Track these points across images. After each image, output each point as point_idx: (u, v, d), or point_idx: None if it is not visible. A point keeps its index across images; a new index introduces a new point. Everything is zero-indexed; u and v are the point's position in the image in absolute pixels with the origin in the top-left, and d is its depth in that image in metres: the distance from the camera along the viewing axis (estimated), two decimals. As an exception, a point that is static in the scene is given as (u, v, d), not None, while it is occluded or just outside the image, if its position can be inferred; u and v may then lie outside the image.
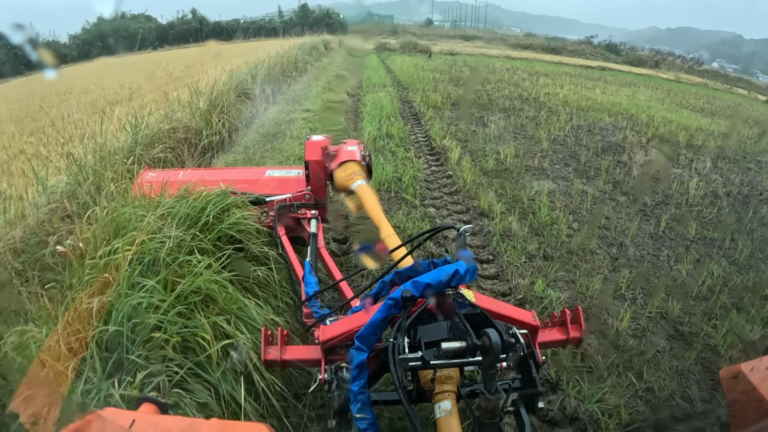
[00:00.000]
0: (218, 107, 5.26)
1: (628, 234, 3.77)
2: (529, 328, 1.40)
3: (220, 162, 4.33)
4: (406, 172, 4.60)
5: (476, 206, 3.99)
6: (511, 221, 3.70)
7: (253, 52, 10.88)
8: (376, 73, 12.94)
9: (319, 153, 2.58)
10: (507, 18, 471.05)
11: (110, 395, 1.34)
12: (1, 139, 7.82)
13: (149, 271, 1.70)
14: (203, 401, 1.48)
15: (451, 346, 1.12)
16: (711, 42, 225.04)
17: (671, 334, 2.73)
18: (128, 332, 1.49)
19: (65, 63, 26.22)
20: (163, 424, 0.75)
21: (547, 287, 2.81)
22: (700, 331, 2.73)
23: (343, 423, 1.27)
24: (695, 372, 2.46)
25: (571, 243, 3.47)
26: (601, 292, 2.93)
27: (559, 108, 8.96)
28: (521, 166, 5.18)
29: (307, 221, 2.50)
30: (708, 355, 2.59)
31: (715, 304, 3.00)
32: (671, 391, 2.29)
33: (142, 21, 38.31)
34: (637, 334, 2.64)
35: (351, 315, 1.45)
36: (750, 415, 1.00)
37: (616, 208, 4.31)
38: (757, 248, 3.97)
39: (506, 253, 3.21)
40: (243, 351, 1.65)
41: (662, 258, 3.52)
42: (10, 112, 11.20)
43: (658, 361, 2.48)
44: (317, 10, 42.55)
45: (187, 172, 2.93)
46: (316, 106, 7.25)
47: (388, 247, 1.71)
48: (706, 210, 4.57)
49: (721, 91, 23.95)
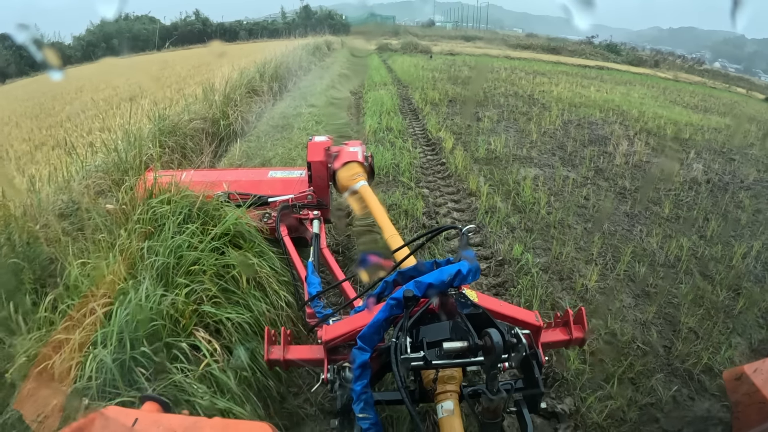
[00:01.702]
0: (231, 101, 5.71)
1: (604, 212, 4.14)
2: (531, 328, 1.40)
3: (237, 148, 4.72)
4: (403, 159, 4.98)
5: (465, 188, 4.38)
6: (496, 200, 4.08)
7: (259, 53, 11.28)
8: (378, 73, 13.34)
9: (322, 154, 2.60)
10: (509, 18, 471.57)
11: (164, 297, 1.70)
12: (20, 132, 8.26)
13: (187, 221, 2.08)
14: (233, 315, 1.84)
15: (453, 346, 1.13)
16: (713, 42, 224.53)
17: (637, 293, 3.08)
18: (174, 264, 1.87)
19: (70, 64, 26.58)
20: (166, 423, 0.76)
21: (525, 252, 3.18)
22: (663, 291, 3.08)
23: (346, 423, 1.29)
24: (657, 323, 2.79)
25: (549, 218, 3.84)
26: (574, 258, 3.29)
27: (552, 104, 9.32)
28: (510, 155, 5.56)
29: (309, 222, 2.54)
30: (670, 311, 2.93)
31: (681, 269, 3.35)
32: (632, 336, 2.64)
33: (146, 22, 38.63)
34: (605, 291, 3.00)
35: (354, 315, 1.46)
36: (753, 417, 0.99)
37: (596, 192, 4.67)
38: (729, 227, 4.30)
39: (489, 225, 3.59)
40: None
41: (635, 232, 3.88)
42: (23, 109, 11.60)
43: (623, 314, 2.83)
44: (319, 11, 43.02)
45: (191, 172, 2.94)
46: (321, 101, 7.65)
47: (391, 247, 1.71)
48: (683, 194, 4.92)
49: (719, 89, 24.12)
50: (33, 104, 12.26)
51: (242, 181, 2.74)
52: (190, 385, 1.46)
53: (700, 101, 14.79)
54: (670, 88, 17.80)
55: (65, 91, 13.38)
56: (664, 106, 11.70)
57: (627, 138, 7.04)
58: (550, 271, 3.09)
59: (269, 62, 9.13)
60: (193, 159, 4.22)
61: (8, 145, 7.19)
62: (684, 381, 2.39)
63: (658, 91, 15.74)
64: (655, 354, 2.55)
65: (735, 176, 6.02)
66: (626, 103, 10.85)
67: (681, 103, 13.34)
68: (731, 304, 3.03)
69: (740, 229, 4.27)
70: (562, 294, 2.88)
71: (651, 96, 13.91)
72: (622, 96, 12.32)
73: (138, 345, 1.47)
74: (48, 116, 9.59)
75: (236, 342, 1.74)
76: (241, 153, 4.51)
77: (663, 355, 2.56)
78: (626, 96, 12.52)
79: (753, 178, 6.03)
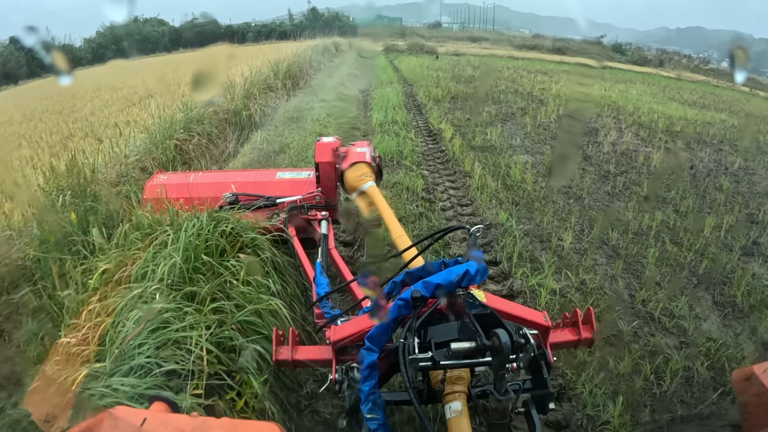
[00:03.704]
0: (251, 96, 6.31)
1: (586, 190, 4.59)
2: (540, 328, 1.40)
3: (258, 135, 5.25)
4: (406, 146, 5.48)
5: (461, 170, 4.88)
6: (488, 179, 4.56)
7: (270, 53, 11.88)
8: (384, 72, 13.87)
9: (330, 154, 2.58)
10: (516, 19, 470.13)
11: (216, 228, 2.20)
12: (46, 126, 8.86)
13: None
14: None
15: (461, 347, 1.13)
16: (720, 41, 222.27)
17: (609, 254, 3.53)
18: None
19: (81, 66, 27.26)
20: (174, 423, 0.76)
21: (510, 219, 3.65)
22: (633, 252, 3.52)
23: (354, 423, 1.29)
24: (624, 277, 3.21)
25: (534, 195, 4.32)
26: (554, 225, 3.76)
27: (550, 100, 9.76)
28: (505, 144, 6.04)
29: (317, 222, 2.55)
30: (638, 268, 3.34)
31: (652, 236, 3.77)
32: (600, 284, 3.08)
33: (155, 24, 39.24)
34: (579, 251, 3.46)
35: (362, 315, 1.46)
36: (762, 418, 0.99)
37: (582, 174, 5.13)
38: (706, 205, 4.66)
39: (480, 198, 4.07)
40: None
41: (613, 207, 4.33)
42: (43, 107, 12.20)
43: (594, 269, 3.27)
44: (327, 13, 43.60)
45: (198, 174, 2.97)
46: (331, 96, 8.19)
47: (399, 247, 1.72)
48: (665, 177, 5.34)
49: (722, 88, 24.20)
50: (52, 102, 12.77)
51: (250, 183, 2.74)
52: (236, 287, 1.93)
53: (700, 98, 14.92)
54: (671, 86, 17.98)
55: (83, 91, 13.89)
56: (661, 102, 12.03)
57: (618, 130, 7.47)
58: (531, 234, 3.57)
59: (282, 62, 9.71)
60: (218, 143, 4.77)
61: (38, 136, 7.79)
62: (645, 320, 2.79)
63: (658, 89, 15.97)
64: (620, 299, 2.97)
65: (720, 164, 6.33)
66: (623, 99, 11.24)
67: (679, 100, 13.59)
68: (696, 265, 3.43)
69: (716, 208, 4.60)
70: (540, 253, 3.34)
71: (649, 93, 14.21)
72: (620, 93, 12.69)
73: (198, 258, 1.96)
74: (71, 112, 10.18)
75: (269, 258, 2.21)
76: (262, 139, 5.05)
77: (627, 300, 2.98)
78: (624, 93, 12.89)
79: (738, 165, 6.34)
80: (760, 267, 3.50)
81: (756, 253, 3.74)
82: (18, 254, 2.24)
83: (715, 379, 2.37)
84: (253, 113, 6.05)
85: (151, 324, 1.49)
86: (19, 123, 10.12)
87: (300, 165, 4.37)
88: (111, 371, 1.37)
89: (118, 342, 1.47)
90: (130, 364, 1.37)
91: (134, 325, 1.50)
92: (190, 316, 1.56)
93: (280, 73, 8.65)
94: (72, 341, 1.55)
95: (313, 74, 11.30)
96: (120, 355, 1.42)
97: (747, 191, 5.29)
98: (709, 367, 2.43)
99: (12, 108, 13.34)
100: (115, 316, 1.60)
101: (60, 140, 6.90)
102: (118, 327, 1.55)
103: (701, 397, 2.26)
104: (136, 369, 1.36)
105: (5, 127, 9.80)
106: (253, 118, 5.95)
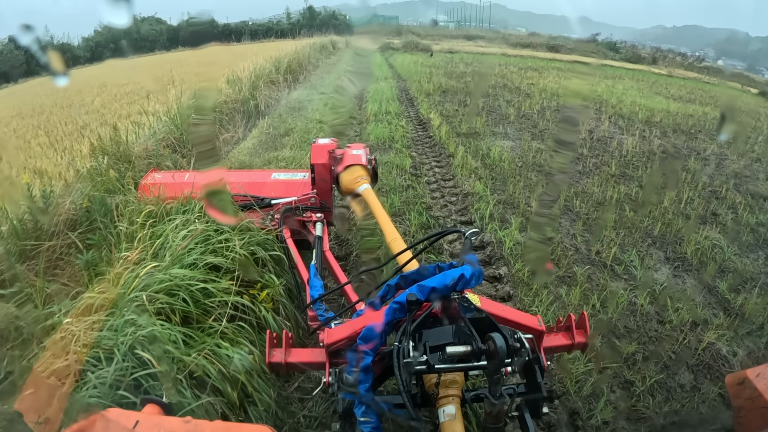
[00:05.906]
0: (257, 87, 6.88)
1: (558, 169, 5.10)
2: (534, 332, 1.42)
3: (264, 122, 5.78)
4: (397, 132, 6.01)
5: (445, 152, 5.42)
6: (469, 159, 5.09)
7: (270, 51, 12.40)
8: (380, 68, 14.38)
9: (326, 156, 2.56)
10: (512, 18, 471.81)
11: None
12: (57, 119, 9.33)
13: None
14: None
15: (455, 351, 1.14)
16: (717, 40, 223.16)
17: (572, 218, 4.03)
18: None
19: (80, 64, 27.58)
20: (167, 425, 0.76)
21: (485, 189, 4.18)
22: (594, 217, 4.02)
23: (347, 426, 1.29)
24: (584, 235, 3.70)
25: (510, 172, 4.84)
26: (524, 195, 4.28)
27: (535, 94, 10.28)
28: (488, 131, 6.58)
29: (312, 224, 2.54)
30: (596, 229, 3.82)
31: (613, 205, 4.25)
32: (561, 240, 3.57)
33: (153, 23, 39.43)
34: (545, 215, 3.97)
35: (356, 318, 1.46)
36: (755, 422, 0.99)
37: (553, 156, 5.64)
38: (670, 183, 5.11)
39: (461, 173, 4.60)
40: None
41: (581, 183, 4.85)
42: (52, 101, 12.63)
43: (557, 229, 3.78)
44: (323, 12, 44.01)
45: (194, 174, 2.98)
46: (329, 90, 8.72)
47: (393, 251, 1.72)
48: (636, 159, 5.82)
49: (712, 84, 24.57)
50: (59, 97, 13.14)
51: (245, 183, 2.71)
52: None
53: (687, 93, 15.17)
54: (660, 82, 18.20)
55: (87, 87, 14.29)
56: (645, 97, 12.43)
57: (597, 119, 7.98)
58: (503, 202, 4.10)
59: (282, 58, 10.25)
60: (229, 128, 5.31)
61: (51, 126, 8.26)
62: (598, 267, 3.26)
63: (646, 85, 16.34)
64: (578, 251, 3.45)
65: (693, 150, 6.72)
66: (608, 93, 11.73)
67: (665, 95, 13.93)
68: (652, 228, 3.88)
69: (681, 186, 4.98)
70: (509, 216, 3.86)
71: (636, 88, 14.62)
72: (606, 87, 13.19)
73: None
74: (81, 106, 10.65)
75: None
76: (268, 125, 5.59)
77: (584, 251, 3.46)
78: (611, 87, 13.37)
79: (710, 151, 6.72)
80: (715, 233, 3.90)
81: (713, 222, 4.15)
82: (71, 205, 2.75)
83: (658, 314, 2.78)
84: (259, 102, 6.65)
85: (195, 240, 2.00)
86: (30, 116, 10.59)
87: (303, 146, 4.91)
88: (168, 266, 1.87)
89: (170, 251, 1.98)
90: (182, 263, 1.87)
91: (182, 242, 2.01)
92: (225, 234, 2.06)
93: (282, 69, 9.22)
94: (132, 256, 2.05)
95: (312, 70, 11.83)
96: (173, 258, 1.92)
97: (716, 173, 5.65)
98: (653, 302, 2.87)
99: (19, 103, 13.75)
100: (164, 238, 2.10)
101: (76, 129, 7.39)
102: (168, 244, 2.06)
103: (644, 326, 2.67)
104: (187, 266, 1.87)
105: (17, 119, 10.26)
106: (259, 108, 6.56)
